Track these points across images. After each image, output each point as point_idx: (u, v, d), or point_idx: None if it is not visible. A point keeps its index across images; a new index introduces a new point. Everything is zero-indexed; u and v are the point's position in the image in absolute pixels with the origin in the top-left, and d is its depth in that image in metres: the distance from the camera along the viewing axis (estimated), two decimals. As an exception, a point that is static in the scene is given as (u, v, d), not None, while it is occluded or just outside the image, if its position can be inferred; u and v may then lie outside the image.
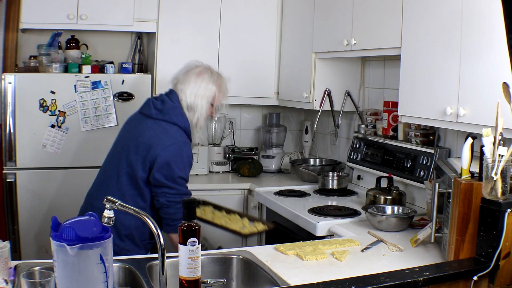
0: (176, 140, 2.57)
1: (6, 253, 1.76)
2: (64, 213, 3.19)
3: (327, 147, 4.19)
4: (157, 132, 2.59)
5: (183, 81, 2.73)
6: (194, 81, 2.71)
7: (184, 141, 2.61)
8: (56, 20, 3.58)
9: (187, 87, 2.70)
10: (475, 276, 1.90)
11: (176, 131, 2.60)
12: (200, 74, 2.75)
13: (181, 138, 2.60)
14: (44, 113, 3.44)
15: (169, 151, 2.54)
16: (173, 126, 2.60)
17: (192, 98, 2.68)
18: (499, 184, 1.87)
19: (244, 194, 3.83)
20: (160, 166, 2.53)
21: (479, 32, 2.27)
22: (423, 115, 2.62)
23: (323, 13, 3.52)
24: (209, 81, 2.74)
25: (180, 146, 2.57)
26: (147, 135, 2.59)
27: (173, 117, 2.62)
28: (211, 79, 2.74)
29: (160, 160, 2.53)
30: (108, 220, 1.71)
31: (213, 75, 2.77)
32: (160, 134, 2.58)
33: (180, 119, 2.63)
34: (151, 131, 2.60)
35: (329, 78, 3.66)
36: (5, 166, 3.43)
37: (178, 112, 2.65)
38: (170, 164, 2.53)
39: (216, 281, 1.88)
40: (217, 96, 2.75)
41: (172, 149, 2.55)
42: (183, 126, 2.62)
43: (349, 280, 1.81)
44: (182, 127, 2.62)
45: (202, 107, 2.69)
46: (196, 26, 3.95)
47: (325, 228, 2.76)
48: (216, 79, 2.77)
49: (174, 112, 2.64)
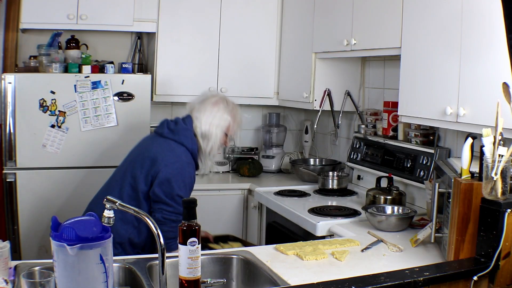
0: (180, 159, 2.62)
1: (6, 253, 1.76)
2: (64, 213, 3.20)
3: (327, 147, 4.19)
4: (163, 149, 2.66)
5: (198, 109, 2.78)
6: (210, 110, 2.76)
7: (188, 162, 2.65)
8: (56, 20, 3.58)
9: (203, 115, 2.75)
10: (475, 276, 1.90)
11: (182, 151, 2.65)
12: (216, 103, 2.79)
13: (186, 158, 2.64)
14: (44, 113, 3.44)
15: (171, 168, 2.58)
16: (180, 146, 2.66)
17: (207, 126, 2.73)
18: (499, 184, 1.87)
19: (244, 194, 3.83)
20: (160, 182, 2.57)
21: (479, 32, 2.27)
22: (423, 115, 2.62)
23: (323, 13, 3.52)
24: (224, 111, 2.78)
25: (183, 165, 2.61)
26: (154, 150, 2.67)
27: (182, 138, 2.68)
28: (226, 109, 2.79)
29: (161, 176, 2.57)
30: (108, 220, 1.71)
31: (228, 105, 2.81)
32: (166, 151, 2.64)
33: (188, 141, 2.68)
34: (158, 147, 2.68)
35: (329, 78, 3.66)
36: (5, 166, 3.42)
37: (188, 134, 2.70)
38: (171, 181, 2.56)
39: (216, 281, 1.88)
40: (231, 126, 2.80)
41: (174, 166, 2.59)
42: (190, 148, 2.67)
43: (349, 280, 1.81)
44: (189, 149, 2.67)
45: (216, 135, 2.75)
46: (196, 26, 3.95)
47: (325, 228, 2.76)
48: (231, 110, 2.81)
49: (184, 134, 2.70)
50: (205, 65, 4.00)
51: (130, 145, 3.57)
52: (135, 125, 3.62)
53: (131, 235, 2.59)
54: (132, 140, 3.59)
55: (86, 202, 3.47)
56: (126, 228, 2.57)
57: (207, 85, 3.98)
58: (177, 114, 4.30)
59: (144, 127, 3.65)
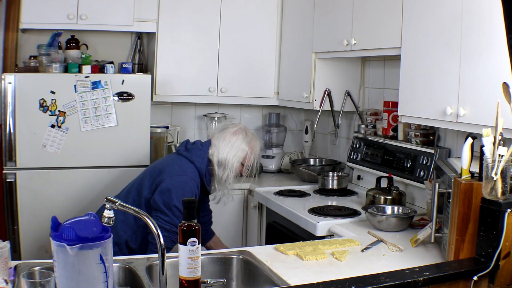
0: (185, 173, 2.69)
1: (6, 253, 1.76)
2: (64, 213, 3.20)
3: (327, 147, 4.19)
4: (173, 162, 2.76)
5: (218, 137, 2.84)
6: (229, 140, 2.81)
7: (193, 178, 2.70)
8: (56, 20, 3.58)
9: (221, 143, 2.81)
10: (475, 276, 1.90)
11: (190, 167, 2.72)
12: (235, 133, 2.84)
13: (191, 174, 2.70)
14: (44, 113, 3.44)
15: (174, 180, 2.64)
16: (190, 163, 2.73)
17: (224, 155, 2.78)
18: (499, 184, 1.87)
19: (244, 194, 3.83)
20: (161, 191, 2.63)
21: (479, 32, 2.27)
22: (423, 115, 2.62)
23: (323, 13, 3.52)
24: (242, 141, 2.83)
25: (186, 179, 2.66)
26: (165, 163, 2.81)
27: (193, 156, 2.75)
28: (244, 140, 2.83)
29: (163, 185, 2.64)
30: (108, 220, 1.72)
31: (247, 136, 2.86)
32: (174, 164, 2.74)
33: (199, 160, 2.74)
34: (170, 161, 2.80)
35: (329, 78, 3.66)
36: (5, 166, 3.42)
37: (200, 154, 2.76)
38: (171, 192, 2.61)
39: (216, 281, 1.88)
40: (248, 156, 2.84)
41: (177, 179, 2.65)
42: (198, 166, 2.73)
43: (349, 280, 1.81)
44: (197, 167, 2.73)
45: (232, 165, 2.79)
46: (196, 26, 3.95)
47: (325, 228, 2.76)
48: (250, 141, 2.85)
49: (196, 153, 2.77)
50: (205, 65, 3.99)
51: (130, 145, 3.60)
52: (135, 125, 3.62)
53: (129, 238, 2.64)
54: (132, 140, 3.62)
55: (86, 202, 3.49)
56: (126, 230, 2.62)
57: (207, 85, 3.99)
58: (177, 114, 4.32)
59: (144, 127, 3.65)
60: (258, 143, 2.91)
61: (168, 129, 4.12)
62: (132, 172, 3.56)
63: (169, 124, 4.23)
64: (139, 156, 3.63)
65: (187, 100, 4.09)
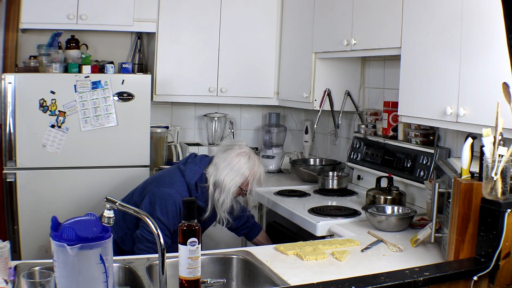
0: (172, 186, 2.63)
1: (6, 253, 1.76)
2: (64, 213, 3.20)
3: (327, 147, 4.19)
4: (167, 173, 2.75)
5: (220, 157, 2.71)
6: (229, 161, 2.67)
7: (179, 191, 2.61)
8: (56, 20, 3.57)
9: (221, 164, 2.67)
10: (475, 276, 1.90)
11: (179, 181, 2.66)
12: (237, 156, 2.69)
13: (178, 187, 2.62)
14: (44, 113, 3.44)
15: (160, 192, 2.61)
16: (181, 176, 2.68)
17: (222, 177, 2.64)
18: (499, 184, 1.87)
19: (244, 194, 3.82)
20: (148, 201, 2.62)
21: (479, 32, 2.27)
22: (423, 115, 2.62)
23: (323, 13, 3.52)
24: (243, 165, 2.67)
25: (171, 194, 2.60)
26: (161, 172, 2.83)
27: (186, 170, 2.70)
28: (246, 165, 2.67)
29: (150, 195, 2.63)
30: (108, 220, 1.72)
31: (249, 161, 2.69)
32: (166, 176, 2.72)
33: (189, 174, 2.68)
34: (165, 171, 2.81)
35: (329, 78, 3.66)
36: (5, 166, 3.42)
37: (193, 169, 2.69)
38: (155, 203, 2.59)
39: (216, 281, 1.88)
40: (249, 182, 2.69)
41: (163, 191, 2.61)
42: (187, 181, 2.66)
43: (349, 280, 1.81)
44: (186, 181, 2.66)
45: (229, 189, 2.64)
46: (196, 26, 3.95)
47: (325, 228, 2.76)
48: (252, 166, 2.69)
49: (191, 168, 2.70)
50: (205, 65, 3.99)
51: (130, 145, 3.60)
52: (135, 125, 3.61)
53: (118, 238, 2.65)
54: (132, 140, 3.62)
55: (86, 202, 3.49)
56: (117, 231, 2.61)
57: (207, 85, 3.99)
58: (177, 114, 4.33)
59: (144, 127, 3.65)
60: (261, 168, 2.74)
61: (168, 129, 4.12)
62: (132, 172, 3.57)
63: (169, 124, 4.23)
64: (139, 156, 3.63)
65: (187, 100, 4.09)
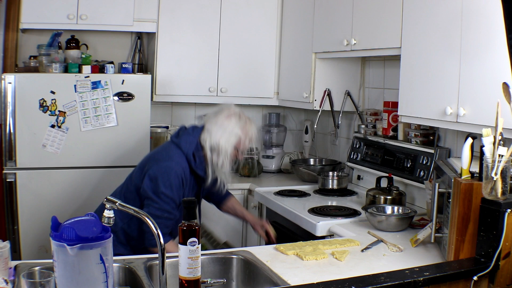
0: (171, 158, 2.65)
1: (6, 253, 1.76)
2: (64, 213, 3.21)
3: (327, 147, 4.19)
4: (162, 149, 2.77)
5: (211, 122, 2.76)
6: (221, 124, 2.72)
7: (179, 162, 2.64)
8: (56, 20, 3.58)
9: (214, 128, 2.72)
10: (475, 276, 1.90)
11: (176, 153, 2.67)
12: (228, 117, 2.75)
13: (177, 159, 2.64)
14: (44, 113, 3.44)
15: (160, 166, 2.62)
16: (177, 149, 2.68)
17: (217, 140, 2.70)
18: (499, 184, 1.87)
19: (244, 194, 3.83)
20: (149, 178, 2.61)
21: (479, 32, 2.27)
22: (423, 115, 2.62)
23: (323, 13, 3.52)
24: (235, 125, 2.72)
25: (171, 165, 2.62)
26: (155, 150, 2.82)
27: (181, 142, 2.70)
28: (238, 124, 2.73)
29: (150, 172, 2.62)
30: (108, 220, 1.72)
31: (240, 120, 2.75)
32: (162, 151, 2.73)
33: (186, 145, 2.69)
34: (159, 147, 2.82)
35: (329, 78, 3.66)
36: (5, 166, 3.42)
37: (188, 139, 2.71)
38: (157, 179, 2.59)
39: (216, 281, 1.88)
40: (242, 141, 2.74)
41: (163, 165, 2.62)
42: (185, 152, 2.67)
43: (349, 280, 1.81)
44: (184, 152, 2.67)
45: (226, 151, 2.70)
46: (196, 26, 3.95)
47: (325, 228, 2.76)
48: (244, 125, 2.75)
49: (185, 139, 2.71)
50: (205, 65, 3.99)
51: (130, 145, 3.60)
52: (135, 125, 3.62)
53: (125, 225, 2.63)
54: (132, 140, 3.62)
55: (86, 202, 3.49)
56: (122, 217, 2.60)
57: (207, 85, 3.99)
58: (177, 114, 4.32)
59: (144, 127, 3.65)
60: (253, 127, 2.80)
61: (168, 129, 4.11)
62: (132, 172, 3.56)
63: (169, 124, 4.23)
64: (139, 156, 3.59)
65: (187, 100, 4.09)
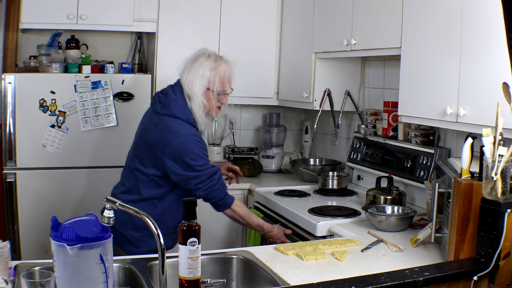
0: (179, 135, 2.52)
1: (6, 253, 1.76)
2: (64, 213, 3.20)
3: (327, 147, 4.19)
4: (162, 129, 2.56)
5: (184, 68, 2.65)
6: (189, 68, 2.61)
7: (188, 133, 2.53)
8: (56, 20, 3.57)
9: (185, 74, 2.61)
10: (475, 276, 1.90)
11: (178, 124, 2.54)
12: (196, 59, 2.62)
13: (184, 131, 2.52)
14: (44, 113, 3.44)
15: (177, 150, 2.50)
16: (175, 119, 2.55)
17: (190, 86, 2.58)
18: (499, 184, 1.87)
19: (244, 194, 3.83)
20: (176, 167, 2.52)
21: (479, 32, 2.27)
22: (423, 115, 2.62)
23: (323, 13, 3.52)
24: (200, 66, 2.58)
25: (184, 140, 2.51)
26: (155, 134, 2.58)
27: (174, 111, 2.57)
28: (204, 64, 2.58)
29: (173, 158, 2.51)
30: (108, 220, 1.71)
31: (208, 60, 2.59)
32: (165, 131, 2.55)
33: (181, 111, 2.56)
34: (157, 129, 2.58)
35: (329, 78, 3.66)
36: (5, 166, 3.42)
37: (179, 104, 2.58)
38: (184, 160, 2.50)
39: (216, 281, 1.88)
40: (211, 82, 2.58)
41: (179, 148, 2.50)
42: (185, 119, 2.55)
43: (349, 280, 1.81)
44: (184, 120, 2.55)
45: (197, 95, 2.56)
46: (196, 26, 3.94)
47: (325, 228, 2.76)
48: (212, 64, 2.59)
49: (175, 105, 2.58)
50: (205, 65, 3.99)
51: (130, 145, 3.59)
52: (135, 125, 3.58)
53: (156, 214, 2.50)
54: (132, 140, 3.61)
55: (86, 202, 3.49)
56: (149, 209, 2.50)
57: (207, 85, 3.99)
58: (177, 114, 4.32)
59: (144, 127, 3.65)
60: (223, 65, 2.61)
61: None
62: (132, 172, 3.56)
63: (169, 124, 4.22)
64: (139, 156, 3.63)
65: (187, 100, 4.08)
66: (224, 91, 2.65)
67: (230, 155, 4.24)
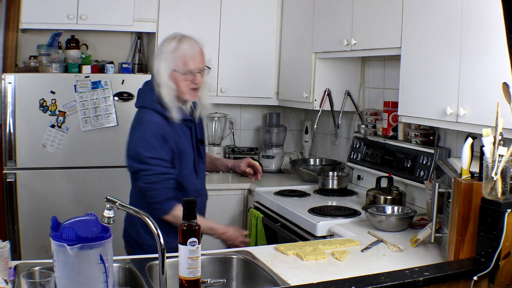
0: (139, 124, 2.47)
1: (6, 253, 1.76)
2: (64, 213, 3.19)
3: (327, 147, 4.19)
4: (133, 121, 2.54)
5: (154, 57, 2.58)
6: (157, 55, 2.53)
7: (148, 121, 2.44)
8: (56, 20, 3.58)
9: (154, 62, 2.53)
10: (475, 276, 1.90)
11: (144, 113, 2.49)
12: (161, 45, 2.52)
13: (147, 118, 2.45)
14: (44, 113, 3.44)
15: (133, 137, 2.46)
16: (143, 110, 2.51)
17: (157, 72, 2.49)
18: (499, 184, 1.87)
19: (244, 194, 3.83)
20: (129, 154, 2.46)
21: (479, 32, 2.27)
22: (423, 115, 2.62)
23: (323, 13, 3.52)
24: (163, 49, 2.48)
25: (142, 128, 2.44)
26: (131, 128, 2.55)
27: (142, 102, 2.54)
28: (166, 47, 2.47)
29: (129, 147, 2.47)
30: (108, 220, 1.71)
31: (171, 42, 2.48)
32: (134, 121, 2.52)
33: (147, 100, 2.50)
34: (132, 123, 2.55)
35: (329, 78, 3.66)
36: (5, 166, 3.42)
37: (146, 94, 2.52)
38: (136, 148, 2.43)
39: (216, 281, 1.88)
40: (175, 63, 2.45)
41: (135, 135, 2.46)
42: (151, 107, 2.48)
43: (349, 280, 1.81)
44: (151, 108, 2.48)
45: (164, 79, 2.44)
46: (196, 26, 3.94)
47: (325, 228, 2.76)
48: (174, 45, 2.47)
49: (143, 96, 2.55)
50: (205, 65, 3.99)
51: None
52: (135, 125, 3.61)
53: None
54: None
55: (86, 202, 3.49)
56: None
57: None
58: (177, 114, 4.32)
59: (144, 127, 3.65)
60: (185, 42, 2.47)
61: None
62: (132, 172, 3.56)
63: (169, 124, 4.22)
64: (139, 156, 3.63)
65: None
66: (191, 71, 2.47)
67: (230, 155, 4.24)
